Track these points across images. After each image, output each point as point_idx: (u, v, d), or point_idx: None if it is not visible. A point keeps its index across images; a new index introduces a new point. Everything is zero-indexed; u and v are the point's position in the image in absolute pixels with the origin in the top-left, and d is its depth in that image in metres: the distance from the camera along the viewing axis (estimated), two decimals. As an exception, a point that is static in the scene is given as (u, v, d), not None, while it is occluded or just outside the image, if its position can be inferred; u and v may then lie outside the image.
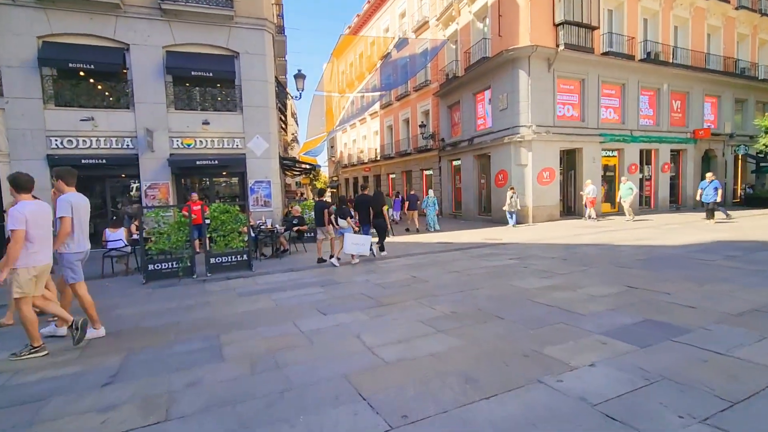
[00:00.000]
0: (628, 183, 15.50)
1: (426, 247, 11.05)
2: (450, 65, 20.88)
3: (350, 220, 8.96)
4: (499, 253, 9.38)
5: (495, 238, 12.08)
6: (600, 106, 17.77)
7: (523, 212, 16.32)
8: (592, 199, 15.94)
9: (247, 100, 13.18)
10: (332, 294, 6.25)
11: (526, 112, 16.07)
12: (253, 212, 13.12)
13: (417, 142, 24.67)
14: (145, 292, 7.00)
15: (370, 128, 32.44)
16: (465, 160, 19.94)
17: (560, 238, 11.60)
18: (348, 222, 8.92)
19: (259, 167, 13.40)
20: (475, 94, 18.93)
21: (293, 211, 11.81)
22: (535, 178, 16.22)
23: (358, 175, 35.09)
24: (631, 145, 18.59)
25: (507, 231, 14.02)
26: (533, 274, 6.93)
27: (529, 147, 16.09)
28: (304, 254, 10.71)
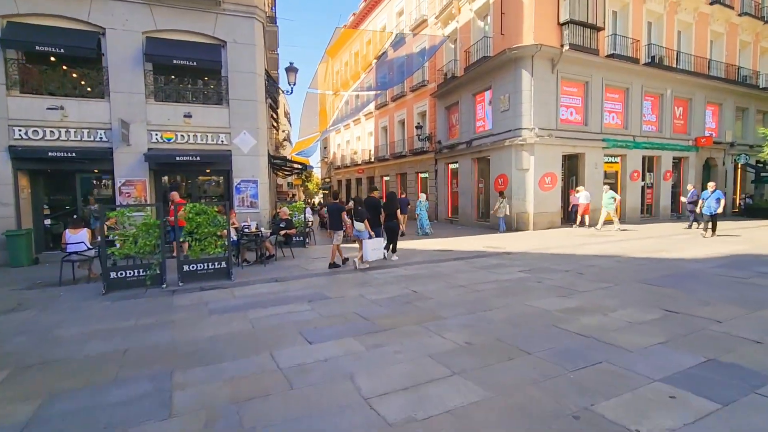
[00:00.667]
0: (610, 192, 14.64)
1: (424, 255, 10.13)
2: (449, 65, 20.05)
3: (367, 223, 8.38)
4: (505, 264, 8.48)
5: (497, 246, 11.21)
6: (603, 110, 17.06)
7: (523, 219, 15.50)
8: (585, 206, 15.15)
9: (234, 93, 12.15)
10: (321, 312, 5.28)
11: (529, 114, 15.27)
12: (238, 213, 12.10)
13: (413, 143, 23.79)
14: (102, 306, 5.96)
15: (364, 129, 31.52)
16: (463, 163, 19.10)
17: (567, 247, 10.76)
18: (366, 225, 8.29)
19: (245, 165, 12.37)
20: (475, 95, 18.11)
21: (281, 213, 10.81)
22: (536, 183, 15.41)
23: (351, 176, 34.12)
24: (633, 151, 17.90)
25: (508, 238, 13.17)
26: (550, 292, 6.03)
27: (531, 151, 15.28)
28: (291, 261, 9.72)
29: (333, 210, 8.98)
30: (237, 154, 12.30)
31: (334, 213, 8.89)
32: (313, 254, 10.81)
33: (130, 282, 6.95)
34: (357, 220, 8.35)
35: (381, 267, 8.57)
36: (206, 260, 7.52)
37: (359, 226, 8.35)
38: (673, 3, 18.55)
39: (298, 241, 12.15)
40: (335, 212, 8.85)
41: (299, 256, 10.46)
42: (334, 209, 8.95)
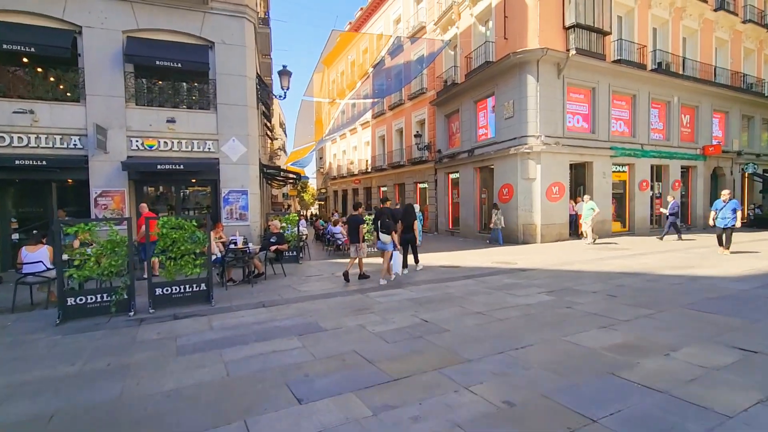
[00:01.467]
0: (590, 203, 13.81)
1: (428, 272, 9.15)
2: (448, 71, 19.31)
3: (395, 235, 8.05)
4: (522, 284, 7.51)
5: (507, 261, 10.25)
6: (611, 117, 16.31)
7: (530, 231, 14.59)
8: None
9: (223, 97, 11.23)
10: (314, 352, 4.27)
11: (535, 121, 14.46)
12: (226, 226, 11.09)
13: (411, 153, 22.95)
14: (49, 341, 4.91)
15: (360, 139, 30.70)
16: (464, 172, 18.23)
17: (583, 263, 9.82)
18: (393, 237, 7.94)
19: (234, 174, 11.39)
20: (477, 102, 17.32)
21: (271, 226, 9.81)
22: (543, 193, 14.53)
23: (348, 187, 33.20)
24: (642, 159, 17.12)
25: (516, 252, 12.22)
26: (587, 321, 5.06)
27: (538, 159, 14.43)
28: (282, 280, 8.69)
29: (352, 222, 8.33)
30: (225, 162, 11.33)
31: (353, 226, 8.28)
32: (306, 271, 9.79)
33: (91, 309, 5.90)
34: (383, 232, 7.90)
35: (383, 288, 7.57)
36: (182, 282, 6.49)
37: (385, 238, 7.90)
38: (678, 9, 17.99)
39: (290, 256, 11.15)
40: (354, 225, 8.23)
41: (291, 273, 9.44)
42: (353, 221, 8.32)
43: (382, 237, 7.91)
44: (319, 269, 10.11)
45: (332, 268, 10.27)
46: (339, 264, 10.82)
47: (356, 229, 8.15)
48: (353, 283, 8.09)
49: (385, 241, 7.92)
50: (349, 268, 8.21)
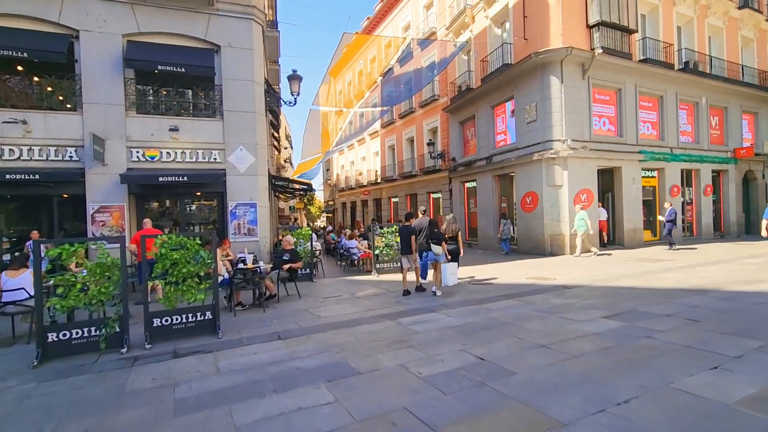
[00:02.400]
0: (582, 213, 12.65)
1: (460, 289, 8.16)
2: (462, 77, 18.51)
3: (445, 245, 7.91)
4: (575, 305, 6.49)
5: (544, 277, 9.23)
6: (638, 120, 15.35)
7: (558, 242, 13.55)
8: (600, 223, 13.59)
9: (230, 104, 10.43)
10: (351, 409, 3.26)
11: (560, 124, 13.53)
12: (234, 243, 10.20)
13: (423, 162, 22.08)
14: (19, 392, 3.95)
15: (369, 149, 29.93)
16: (482, 181, 17.28)
17: (631, 277, 8.78)
18: (443, 248, 7.79)
19: (242, 186, 10.53)
20: (494, 107, 16.46)
21: (284, 242, 8.87)
22: (571, 201, 13.52)
23: (357, 198, 32.35)
24: (671, 164, 16.09)
25: (547, 265, 11.19)
26: (685, 358, 4.03)
27: (565, 165, 13.47)
28: (297, 302, 7.72)
29: (403, 233, 8.15)
30: (232, 173, 10.47)
31: (404, 236, 8.08)
32: (322, 291, 8.82)
33: (76, 346, 4.96)
34: (434, 243, 7.74)
35: (415, 312, 6.57)
36: (185, 311, 5.54)
37: (436, 249, 7.74)
38: (703, 6, 17.12)
39: (303, 274, 10.20)
40: (406, 236, 8.02)
41: (307, 294, 8.47)
42: (405, 232, 8.11)
43: (434, 248, 7.74)
44: (336, 289, 9.13)
45: (350, 287, 9.30)
46: (356, 282, 9.85)
47: (408, 239, 7.94)
48: (386, 302, 7.14)
49: (437, 252, 7.74)
50: (406, 283, 8.05)
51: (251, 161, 10.63)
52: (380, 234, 11.05)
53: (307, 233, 10.37)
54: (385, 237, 11.05)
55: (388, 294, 8.19)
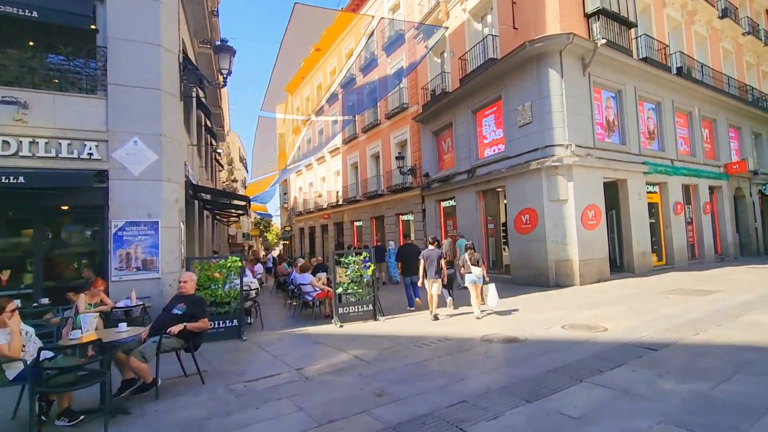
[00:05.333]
0: (461, 240, 10.53)
1: (483, 356, 4.91)
2: (435, 80, 15.89)
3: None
4: (705, 393, 3.41)
5: (588, 326, 6.17)
6: (640, 126, 13.19)
7: (565, 269, 10.70)
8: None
9: (119, 75, 6.91)
10: None
11: (562, 126, 10.97)
12: (119, 282, 6.49)
13: (390, 180, 19.04)
14: None
15: (329, 168, 26.64)
16: (462, 198, 14.40)
17: (714, 323, 5.91)
18: (483, 270, 7.36)
19: (135, 197, 6.88)
20: (476, 112, 13.82)
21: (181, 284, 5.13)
22: (579, 219, 10.84)
23: (316, 223, 28.70)
24: (673, 178, 13.99)
25: (566, 302, 8.22)
26: None
27: (569, 175, 10.82)
28: (192, 398, 4.11)
29: (430, 256, 7.70)
30: (120, 177, 6.83)
31: (432, 259, 7.65)
32: (250, 365, 5.21)
33: None
34: (474, 265, 7.40)
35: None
36: None
37: (477, 271, 7.36)
38: (689, 12, 15.68)
39: (229, 327, 6.58)
40: (434, 258, 7.65)
41: (221, 371, 4.88)
42: (431, 255, 7.70)
43: (475, 270, 7.37)
44: (276, 356, 5.58)
45: (299, 349, 5.81)
46: (309, 340, 6.36)
47: (436, 262, 7.61)
48: (364, 393, 3.69)
49: (477, 274, 7.36)
50: (433, 310, 7.52)
51: (152, 160, 7.03)
52: (342, 264, 7.68)
53: (235, 264, 6.77)
54: (350, 269, 7.68)
55: (363, 367, 4.78)
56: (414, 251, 8.84)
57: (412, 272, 8.37)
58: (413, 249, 9.04)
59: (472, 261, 7.39)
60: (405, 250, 9.12)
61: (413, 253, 8.70)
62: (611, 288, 9.99)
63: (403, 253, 9.07)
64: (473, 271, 7.32)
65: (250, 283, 7.55)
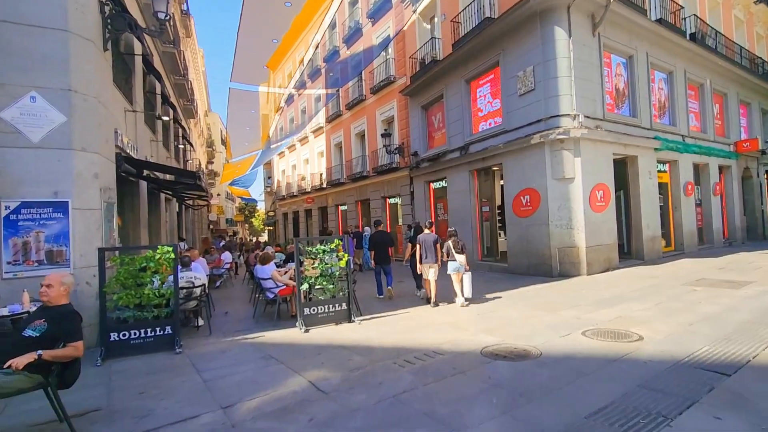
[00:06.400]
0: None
1: (477, 377, 3.50)
2: (425, 48, 14.23)
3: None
4: None
5: (615, 331, 4.82)
6: (651, 97, 11.78)
7: (571, 257, 9.36)
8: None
9: (4, 5, 5.22)
10: None
11: (569, 93, 9.49)
12: (13, 280, 4.96)
13: (376, 160, 17.47)
14: None
15: (313, 149, 24.89)
16: (454, 178, 12.93)
17: (743, 335, 4.60)
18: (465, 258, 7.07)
19: (34, 170, 5.25)
20: (471, 81, 12.24)
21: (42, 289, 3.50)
22: (586, 200, 9.46)
23: (299, 208, 27.07)
24: (684, 156, 12.67)
25: (575, 296, 6.88)
26: None
27: (576, 150, 9.39)
28: None
29: (428, 241, 7.26)
30: (12, 143, 5.19)
31: (429, 244, 7.24)
32: (172, 396, 3.73)
33: None
34: (458, 252, 7.07)
35: None
36: None
37: (461, 259, 7.03)
38: (702, -28, 14.18)
39: (161, 336, 5.09)
40: (432, 243, 7.24)
41: (119, 412, 3.40)
42: (428, 240, 7.27)
43: (459, 258, 7.02)
44: (214, 377, 4.11)
45: (248, 365, 4.35)
46: (261, 352, 4.91)
47: (434, 247, 7.23)
48: None
49: (461, 262, 7.02)
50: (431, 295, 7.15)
51: (57, 123, 5.38)
52: (310, 255, 6.19)
53: (166, 257, 5.22)
54: (320, 259, 6.20)
55: (319, 405, 3.33)
56: (385, 239, 8.52)
57: (383, 261, 8.22)
58: (384, 236, 8.60)
59: (457, 248, 7.10)
60: (375, 238, 8.57)
61: (384, 242, 8.45)
62: (624, 278, 8.69)
63: (373, 241, 8.56)
64: (457, 259, 7.04)
65: (193, 279, 6.02)
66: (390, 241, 8.76)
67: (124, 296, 5.05)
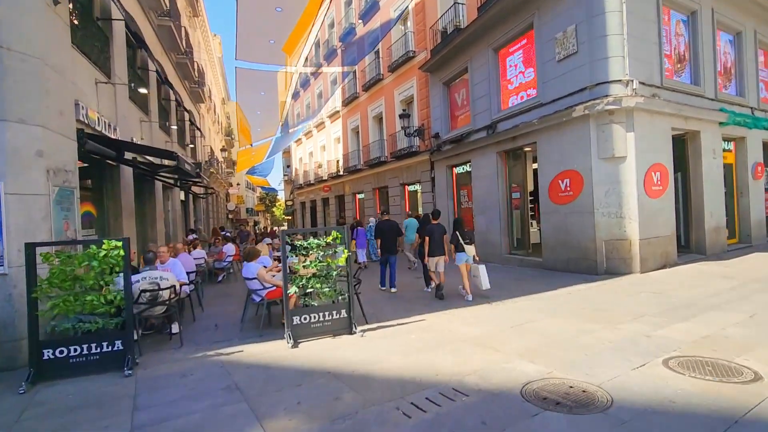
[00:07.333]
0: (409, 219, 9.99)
1: None
2: (447, 16, 12.66)
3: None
4: None
5: (702, 356, 3.40)
6: (717, 63, 9.90)
7: (621, 251, 7.81)
8: None
9: None
10: None
11: (621, 54, 7.82)
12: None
13: (395, 144, 16.12)
14: None
15: (329, 134, 23.71)
16: (480, 161, 11.44)
17: None
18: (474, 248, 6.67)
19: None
20: (499, 50, 10.65)
21: None
22: (641, 183, 7.85)
23: (316, 197, 26.06)
24: (753, 132, 10.72)
25: (642, 299, 5.42)
26: None
27: (629, 123, 7.77)
28: None
29: (436, 232, 6.88)
30: None
31: (437, 236, 6.85)
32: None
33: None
34: (467, 243, 6.59)
35: None
36: None
37: (470, 250, 6.59)
38: None
39: (106, 354, 4.00)
40: (440, 234, 6.88)
41: None
42: (435, 230, 6.89)
43: (468, 249, 6.58)
44: (151, 421, 2.98)
45: (203, 402, 3.17)
46: (240, 371, 3.73)
47: (441, 239, 6.85)
48: None
49: (470, 253, 6.60)
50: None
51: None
52: (301, 251, 4.97)
53: (114, 254, 4.11)
54: (315, 256, 4.98)
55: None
56: (392, 227, 8.11)
57: (389, 250, 7.83)
58: (391, 225, 8.17)
59: (465, 239, 6.67)
60: (381, 226, 8.12)
61: (391, 230, 8.04)
62: (688, 278, 7.11)
63: (380, 229, 8.08)
64: (466, 249, 6.62)
65: (158, 280, 4.92)
66: (398, 230, 8.29)
67: (60, 303, 3.97)
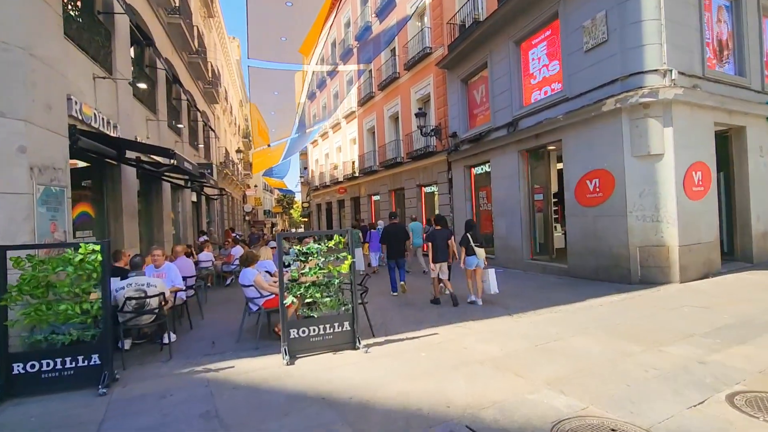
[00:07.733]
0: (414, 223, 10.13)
1: None
2: (464, 10, 12.07)
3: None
4: None
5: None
6: (763, 53, 9.00)
7: (659, 258, 7.05)
8: None
9: None
10: None
11: (657, 42, 7.08)
12: None
13: (411, 144, 15.59)
14: None
15: (345, 135, 23.34)
16: (499, 161, 10.78)
17: None
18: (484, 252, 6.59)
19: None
20: (521, 43, 9.99)
21: None
22: (681, 183, 7.08)
23: (332, 198, 25.73)
24: (803, 128, 9.74)
25: (667, 314, 4.72)
26: None
27: (666, 116, 7.01)
28: None
29: (439, 237, 6.70)
30: None
31: (441, 241, 6.66)
32: None
33: None
34: (478, 246, 6.49)
35: None
36: None
37: (481, 253, 6.50)
38: None
39: (82, 369, 3.59)
40: (443, 239, 6.69)
41: None
42: (439, 236, 6.70)
43: (478, 252, 6.46)
44: None
45: None
46: (224, 393, 3.25)
47: (445, 244, 6.65)
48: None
49: (480, 256, 6.48)
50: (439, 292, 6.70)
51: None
52: (300, 257, 4.48)
53: (91, 259, 3.71)
54: (315, 262, 4.48)
55: None
56: (400, 232, 7.97)
57: (397, 254, 7.73)
58: (399, 229, 8.04)
59: (476, 242, 6.55)
60: (389, 230, 7.98)
61: (398, 235, 7.88)
62: (737, 289, 6.31)
63: (387, 233, 7.93)
64: (477, 253, 6.51)
65: (145, 287, 4.52)
66: (405, 234, 8.10)
67: (32, 312, 3.60)
